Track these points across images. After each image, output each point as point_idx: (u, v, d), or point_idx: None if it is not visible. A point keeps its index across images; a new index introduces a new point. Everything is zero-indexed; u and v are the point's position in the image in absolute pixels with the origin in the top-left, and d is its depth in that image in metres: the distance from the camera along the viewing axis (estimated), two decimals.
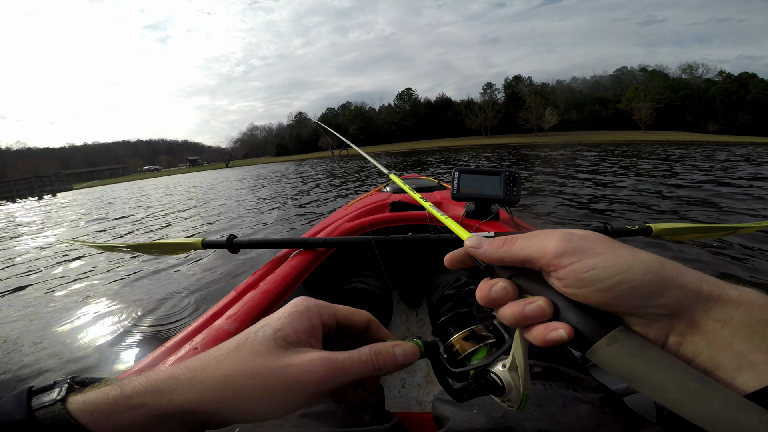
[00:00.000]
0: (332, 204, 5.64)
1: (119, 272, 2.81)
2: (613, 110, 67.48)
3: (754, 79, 59.21)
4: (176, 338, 0.68)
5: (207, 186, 14.14)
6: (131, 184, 28.93)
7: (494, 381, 0.28)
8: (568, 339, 0.22)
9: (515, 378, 0.27)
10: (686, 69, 67.47)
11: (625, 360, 0.21)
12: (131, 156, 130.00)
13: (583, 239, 0.24)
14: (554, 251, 0.24)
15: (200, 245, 1.02)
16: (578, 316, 0.23)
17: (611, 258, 0.22)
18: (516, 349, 0.27)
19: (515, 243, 0.26)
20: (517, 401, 0.28)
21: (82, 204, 12.23)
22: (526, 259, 0.25)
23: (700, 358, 0.20)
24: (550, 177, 7.07)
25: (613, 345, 0.21)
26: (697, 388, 0.19)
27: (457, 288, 0.98)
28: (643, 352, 0.20)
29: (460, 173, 1.16)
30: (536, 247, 0.25)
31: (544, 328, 0.23)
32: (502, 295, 0.26)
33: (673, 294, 0.21)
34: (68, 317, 1.99)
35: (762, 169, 6.88)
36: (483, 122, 74.31)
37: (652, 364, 0.20)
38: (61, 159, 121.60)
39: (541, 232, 0.26)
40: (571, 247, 0.23)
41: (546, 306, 0.24)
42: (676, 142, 29.08)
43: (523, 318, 0.24)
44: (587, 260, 0.22)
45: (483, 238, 0.29)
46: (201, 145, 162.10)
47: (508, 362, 0.28)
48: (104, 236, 5.10)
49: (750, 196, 4.21)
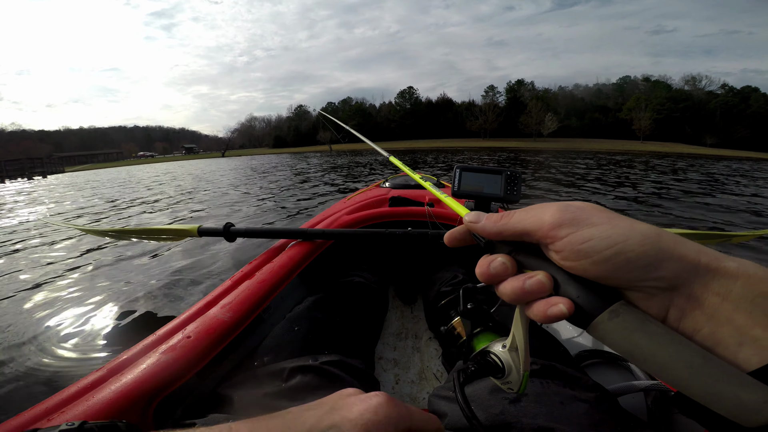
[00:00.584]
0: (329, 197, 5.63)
1: (108, 256, 2.76)
2: (612, 119, 67.78)
3: (756, 93, 59.42)
4: (168, 326, 0.66)
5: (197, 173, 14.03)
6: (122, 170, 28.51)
7: (494, 362, 0.27)
8: (568, 314, 0.22)
9: (515, 358, 0.27)
10: (689, 80, 67.49)
11: (627, 335, 0.20)
12: (127, 141, 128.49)
13: (580, 210, 0.23)
14: (551, 222, 0.23)
15: (196, 232, 1.01)
16: (578, 290, 0.22)
17: (608, 228, 0.22)
18: (516, 328, 0.26)
19: (513, 216, 0.26)
20: (518, 383, 0.27)
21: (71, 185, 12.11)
22: (524, 232, 0.25)
23: (700, 334, 0.19)
24: (551, 184, 7.14)
25: (614, 319, 0.21)
26: (701, 365, 0.18)
27: (453, 285, 0.98)
28: (645, 326, 0.20)
29: (462, 170, 1.15)
30: (533, 219, 0.24)
31: (545, 304, 0.23)
32: (501, 270, 0.25)
33: (670, 266, 0.20)
34: (52, 304, 1.95)
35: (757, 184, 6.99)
36: (483, 124, 74.33)
37: (654, 338, 0.19)
38: (55, 142, 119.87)
39: (538, 205, 0.26)
40: (568, 218, 0.23)
41: (546, 280, 0.23)
42: (672, 154, 29.40)
43: (523, 293, 0.24)
44: (584, 231, 0.22)
45: (482, 213, 0.28)
46: (198, 133, 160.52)
47: (508, 342, 0.27)
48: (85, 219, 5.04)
49: (742, 209, 4.27)
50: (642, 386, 0.62)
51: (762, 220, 3.87)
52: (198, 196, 6.79)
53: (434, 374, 0.94)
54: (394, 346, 1.05)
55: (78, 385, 0.51)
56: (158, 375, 0.52)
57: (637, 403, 0.65)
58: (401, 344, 1.07)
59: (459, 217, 0.30)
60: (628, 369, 0.74)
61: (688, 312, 0.20)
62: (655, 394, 0.63)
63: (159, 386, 0.52)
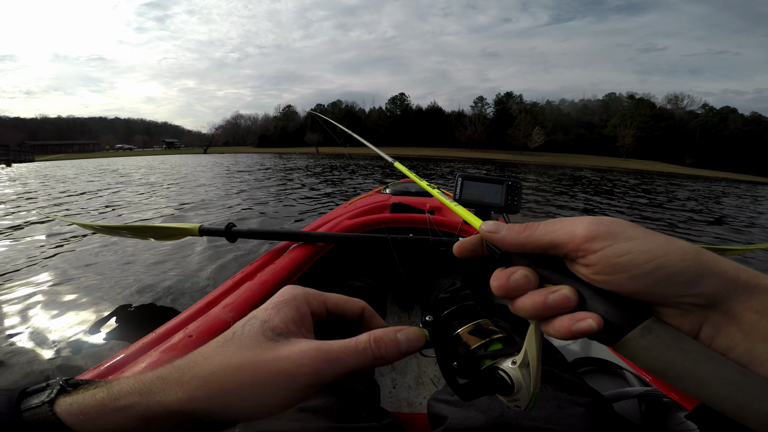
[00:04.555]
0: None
1: (106, 253, 2.68)
2: (597, 135, 69.88)
3: (734, 114, 62.09)
4: (169, 325, 0.65)
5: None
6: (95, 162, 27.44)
7: (503, 379, 0.26)
8: (597, 329, 0.21)
9: (526, 376, 0.25)
10: (672, 99, 69.96)
11: (660, 352, 0.19)
12: (106, 133, 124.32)
13: (614, 223, 0.23)
14: (585, 235, 0.22)
15: (197, 232, 0.99)
16: (607, 306, 0.21)
17: (646, 242, 0.21)
18: (529, 344, 0.25)
19: (538, 228, 0.24)
20: (526, 401, 0.26)
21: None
22: (551, 245, 0.24)
23: (735, 351, 0.19)
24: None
25: (646, 336, 0.20)
26: (741, 382, 0.18)
27: (452, 293, 0.99)
28: (679, 344, 0.19)
29: (464, 179, 1.17)
30: (563, 231, 0.23)
31: (569, 319, 0.22)
32: (523, 283, 0.24)
33: (711, 282, 0.19)
34: (52, 301, 1.87)
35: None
36: (471, 135, 75.59)
37: (689, 356, 0.19)
38: (30, 130, 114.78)
39: (565, 218, 0.24)
40: (603, 231, 0.22)
41: (571, 295, 0.22)
42: (656, 173, 30.56)
43: (544, 308, 0.23)
44: (621, 244, 0.21)
45: (501, 224, 0.27)
46: (181, 128, 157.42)
47: (519, 358, 0.26)
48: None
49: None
50: (636, 393, 0.65)
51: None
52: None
53: (431, 379, 0.94)
54: None
55: None
56: None
57: (631, 409, 0.67)
58: None
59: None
60: (621, 376, 0.76)
61: (723, 329, 0.19)
62: (649, 401, 0.65)
63: None
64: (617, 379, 0.76)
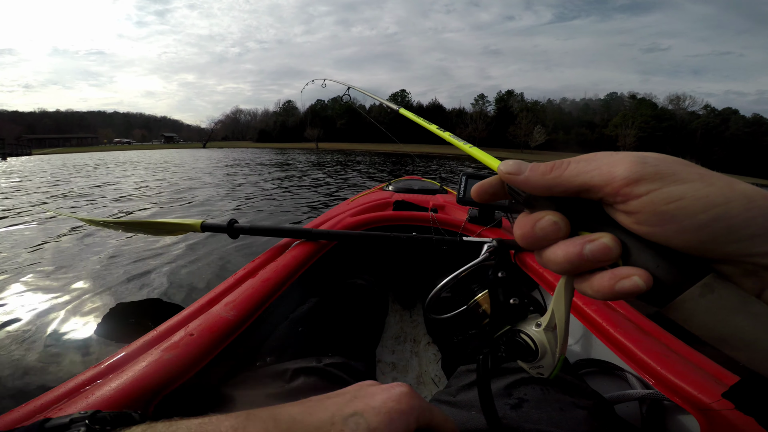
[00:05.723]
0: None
1: (105, 248, 2.65)
2: (598, 134, 69.70)
3: (735, 115, 61.81)
4: (170, 323, 0.64)
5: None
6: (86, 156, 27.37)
7: (525, 344, 0.24)
8: (645, 288, 0.18)
9: (551, 340, 0.23)
10: (674, 99, 69.62)
11: (723, 315, 0.16)
12: (105, 127, 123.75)
13: (662, 162, 0.18)
14: (626, 176, 0.18)
15: (199, 227, 0.98)
16: (657, 260, 0.18)
17: (703, 187, 0.17)
18: (557, 304, 0.22)
19: (568, 167, 0.21)
20: (550, 368, 0.24)
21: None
22: (584, 187, 0.20)
23: None
24: None
25: (707, 296, 0.17)
26: None
27: (455, 291, 0.99)
28: (748, 307, 0.16)
29: (468, 178, 1.17)
30: (598, 171, 0.19)
31: (610, 276, 0.18)
32: (552, 231, 0.21)
33: None
34: (49, 298, 1.85)
35: None
36: (472, 132, 75.39)
37: (760, 320, 0.16)
38: (28, 124, 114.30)
39: (600, 154, 0.21)
40: (650, 172, 0.18)
41: (613, 244, 0.19)
42: None
43: (580, 261, 0.19)
44: (671, 188, 0.17)
45: (523, 163, 0.23)
46: (180, 122, 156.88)
47: (545, 321, 0.24)
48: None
49: None
50: (637, 395, 0.65)
51: None
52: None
53: (432, 379, 0.94)
54: (392, 350, 1.06)
55: (75, 381, 0.49)
56: (160, 373, 0.51)
57: (632, 411, 0.67)
58: (400, 348, 1.07)
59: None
60: (623, 378, 0.76)
61: None
62: (650, 403, 0.65)
63: (160, 385, 0.50)
64: (619, 381, 0.76)
